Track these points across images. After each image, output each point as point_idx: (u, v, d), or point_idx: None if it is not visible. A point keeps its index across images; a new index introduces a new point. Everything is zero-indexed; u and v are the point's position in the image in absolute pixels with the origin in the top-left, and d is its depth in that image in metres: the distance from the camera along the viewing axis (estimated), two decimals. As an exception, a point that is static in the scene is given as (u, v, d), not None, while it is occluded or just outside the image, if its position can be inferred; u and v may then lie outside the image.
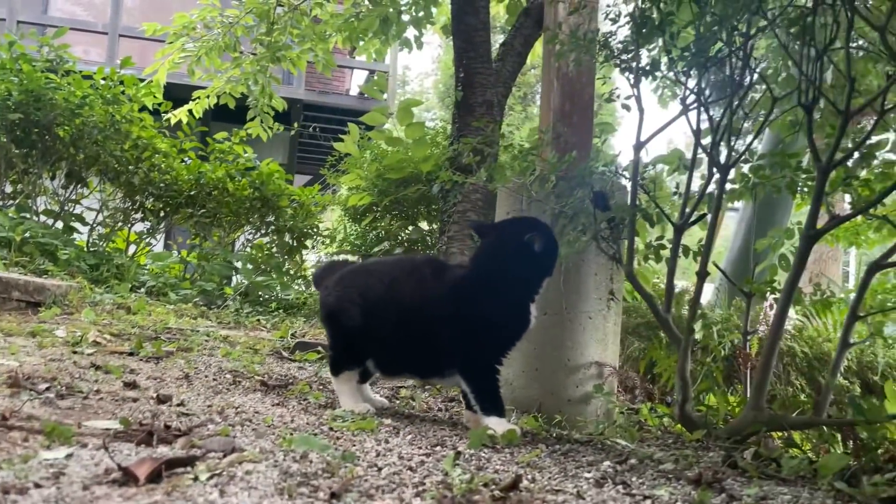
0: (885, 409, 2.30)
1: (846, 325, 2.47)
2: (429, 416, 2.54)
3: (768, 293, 2.75)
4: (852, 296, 2.82)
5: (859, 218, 5.65)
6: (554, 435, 2.31)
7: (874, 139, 2.64)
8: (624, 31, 2.74)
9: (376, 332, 2.41)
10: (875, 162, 2.76)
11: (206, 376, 2.73)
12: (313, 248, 7.41)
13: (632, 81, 2.61)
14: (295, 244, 7.14)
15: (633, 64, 2.60)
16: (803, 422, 2.40)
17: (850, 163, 2.74)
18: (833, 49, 2.35)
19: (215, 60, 8.03)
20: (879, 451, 2.27)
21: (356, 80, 13.98)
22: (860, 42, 2.63)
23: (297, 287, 6.57)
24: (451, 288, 2.36)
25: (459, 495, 1.25)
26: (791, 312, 5.43)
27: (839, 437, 2.72)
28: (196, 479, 1.21)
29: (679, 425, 2.53)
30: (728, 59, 2.33)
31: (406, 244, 6.94)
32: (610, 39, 2.70)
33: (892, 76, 2.31)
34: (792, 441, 2.51)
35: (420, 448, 1.76)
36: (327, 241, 7.40)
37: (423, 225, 7.26)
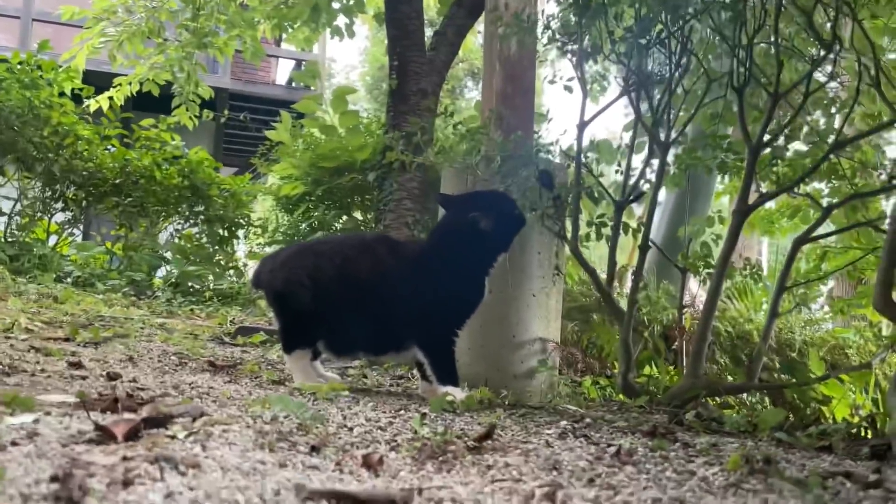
0: (812, 374, 2.47)
1: (774, 297, 2.63)
2: (382, 390, 2.57)
3: (702, 269, 2.89)
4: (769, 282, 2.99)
5: (773, 206, 5.97)
6: (507, 402, 2.37)
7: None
8: (567, 15, 2.83)
9: (327, 313, 2.39)
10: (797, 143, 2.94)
11: (150, 358, 2.67)
12: (245, 238, 7.27)
13: (575, 63, 2.69)
14: (226, 234, 6.99)
15: (576, 46, 2.68)
16: (738, 387, 2.54)
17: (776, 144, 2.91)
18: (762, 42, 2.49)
19: (138, 46, 7.75)
20: (808, 412, 2.44)
21: (282, 70, 13.75)
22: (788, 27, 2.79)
23: (229, 277, 6.44)
24: (409, 263, 2.40)
25: (436, 445, 1.28)
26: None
27: (769, 402, 2.89)
28: (174, 437, 1.20)
29: (621, 395, 2.63)
30: (668, 40, 2.44)
31: (340, 234, 6.90)
32: (552, 22, 2.78)
33: (817, 59, 2.47)
34: (727, 406, 2.65)
35: (384, 413, 1.79)
36: (259, 231, 7.27)
37: (358, 215, 7.23)
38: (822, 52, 2.37)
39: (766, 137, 2.58)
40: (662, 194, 6.06)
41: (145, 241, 6.38)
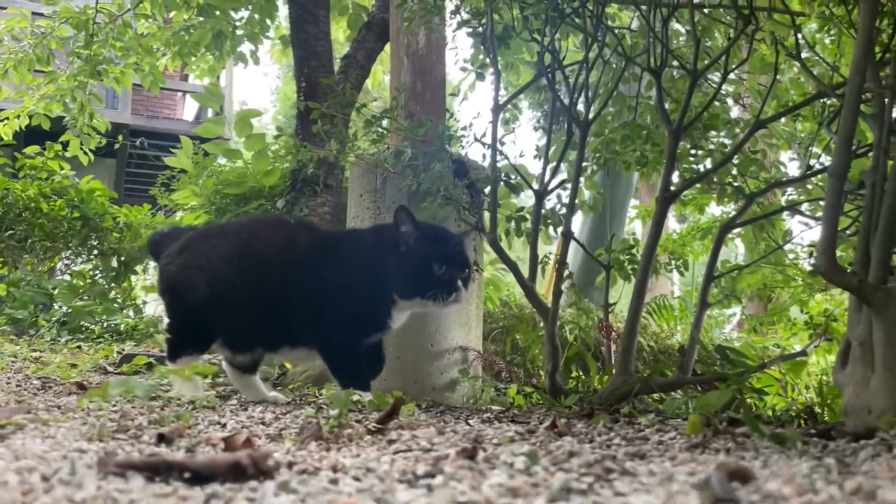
0: (746, 364, 2.32)
1: (703, 287, 2.49)
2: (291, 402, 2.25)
3: (626, 264, 2.74)
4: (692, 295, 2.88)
5: (684, 231, 5.96)
6: (424, 406, 2.11)
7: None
8: (473, 2, 2.66)
9: (228, 304, 2.13)
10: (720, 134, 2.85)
11: (8, 384, 2.27)
12: (144, 272, 6.76)
13: (486, 46, 2.53)
14: (122, 269, 6.48)
15: (486, 30, 2.52)
16: (671, 382, 2.36)
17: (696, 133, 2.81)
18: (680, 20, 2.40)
19: (25, 76, 7.24)
20: (744, 401, 2.28)
21: (190, 105, 13.26)
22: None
23: (126, 315, 5.93)
24: (319, 251, 2.21)
25: (329, 429, 1.01)
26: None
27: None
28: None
29: (548, 398, 2.41)
30: (581, 14, 2.30)
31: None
32: (461, 6, 2.62)
33: (735, 35, 2.38)
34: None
35: (275, 414, 1.50)
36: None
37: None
38: (742, 25, 2.28)
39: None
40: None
41: (29, 278, 5.80)
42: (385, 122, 2.76)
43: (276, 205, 6.18)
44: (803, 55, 3.02)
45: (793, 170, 4.98)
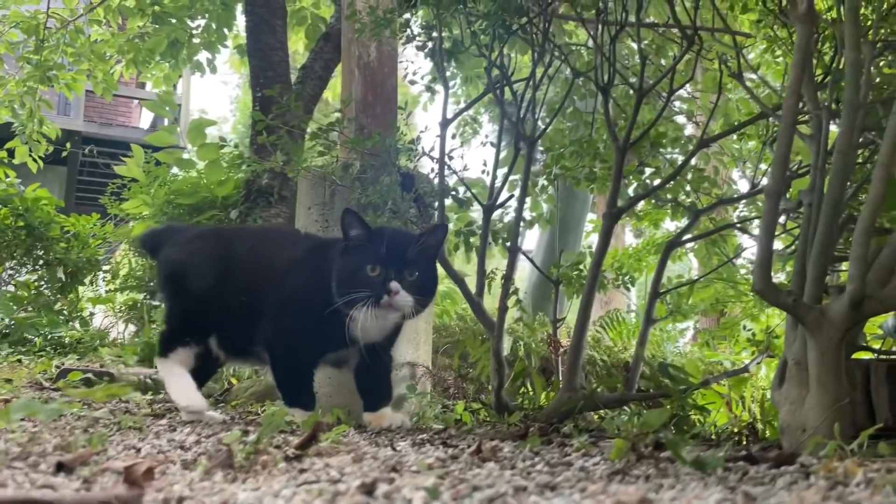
0: (690, 381, 2.32)
1: (649, 302, 2.50)
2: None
3: (574, 280, 2.74)
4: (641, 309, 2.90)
5: (640, 246, 6.02)
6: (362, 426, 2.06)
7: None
8: (424, 15, 2.65)
9: (225, 301, 2.15)
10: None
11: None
12: (92, 284, 6.58)
13: (435, 61, 2.51)
14: (69, 279, 6.30)
15: (435, 43, 2.50)
16: (617, 399, 2.36)
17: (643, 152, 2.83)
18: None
19: (-28, 81, 7.05)
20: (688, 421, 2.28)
21: (146, 114, 13.02)
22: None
23: (72, 327, 5.76)
24: (289, 259, 2.20)
25: (243, 456, 0.97)
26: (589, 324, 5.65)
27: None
28: None
29: (495, 414, 2.39)
30: (529, 29, 2.30)
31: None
32: (411, 20, 2.60)
33: (680, 53, 2.41)
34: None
35: (199, 436, 1.44)
36: (108, 276, 6.61)
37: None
38: (685, 45, 2.30)
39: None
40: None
41: (-32, 289, 5.60)
42: (333, 135, 2.72)
43: (230, 215, 6.09)
44: (754, 75, 3.08)
45: (743, 187, 5.07)
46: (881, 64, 2.15)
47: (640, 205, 3.86)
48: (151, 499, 0.73)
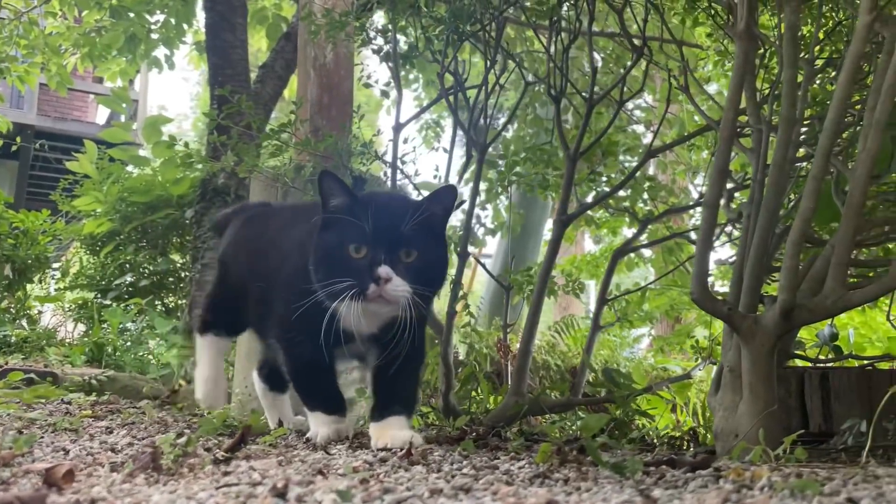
0: (634, 386, 2.37)
1: (596, 310, 2.54)
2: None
3: (525, 285, 2.76)
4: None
5: (597, 252, 6.10)
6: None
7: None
8: (381, 18, 2.66)
9: (250, 290, 1.91)
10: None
11: None
12: (41, 282, 6.43)
13: (390, 64, 2.52)
14: (17, 277, 6.14)
15: (390, 47, 2.51)
16: (562, 403, 2.39)
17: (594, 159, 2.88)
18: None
19: (-81, 73, 6.85)
20: (631, 423, 2.32)
21: (103, 109, 12.75)
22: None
23: (19, 326, 5.61)
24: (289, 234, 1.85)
25: (171, 459, 0.97)
26: (544, 329, 5.71)
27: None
28: None
29: (443, 417, 2.40)
30: (482, 35, 2.32)
31: (154, 277, 6.26)
32: (367, 23, 2.60)
33: (630, 64, 2.45)
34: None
35: (134, 438, 1.42)
36: (58, 274, 6.46)
37: (177, 257, 6.63)
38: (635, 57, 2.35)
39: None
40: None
41: None
42: (286, 136, 2.71)
43: (185, 214, 6.00)
44: (713, 87, 3.14)
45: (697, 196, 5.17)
46: (819, 81, 2.22)
47: (599, 212, 3.93)
48: (66, 500, 0.72)
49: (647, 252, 4.57)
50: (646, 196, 3.30)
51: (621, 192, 3.59)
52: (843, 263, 1.56)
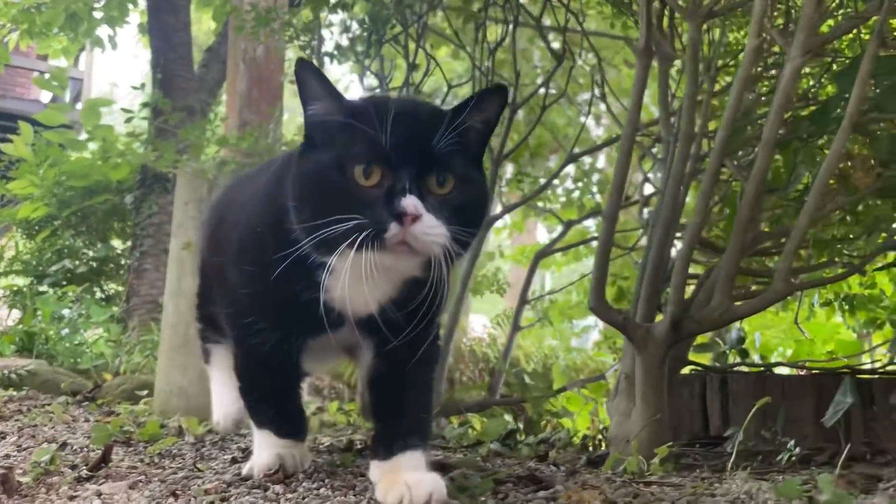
0: (548, 386, 2.42)
1: (516, 310, 2.58)
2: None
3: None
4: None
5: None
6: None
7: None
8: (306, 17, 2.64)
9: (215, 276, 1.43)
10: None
11: None
12: (-31, 268, 6.24)
13: (315, 62, 2.51)
14: (-57, 263, 5.96)
15: (315, 44, 2.50)
16: (478, 404, 2.43)
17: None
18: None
19: None
20: (543, 423, 2.38)
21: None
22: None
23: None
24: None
25: (33, 477, 0.97)
26: (486, 322, 5.78)
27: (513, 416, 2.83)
28: None
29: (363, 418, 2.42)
30: (404, 37, 2.33)
31: (93, 264, 6.14)
32: (293, 20, 2.59)
33: (552, 69, 2.49)
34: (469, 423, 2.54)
35: (20, 448, 1.41)
36: (-9, 259, 6.28)
37: (117, 242, 6.50)
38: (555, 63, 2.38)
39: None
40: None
41: None
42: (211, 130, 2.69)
43: (125, 200, 5.89)
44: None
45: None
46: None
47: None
48: None
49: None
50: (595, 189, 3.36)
51: (570, 186, 3.66)
52: (730, 277, 1.61)
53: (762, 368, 2.22)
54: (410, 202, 1.01)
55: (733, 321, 1.73)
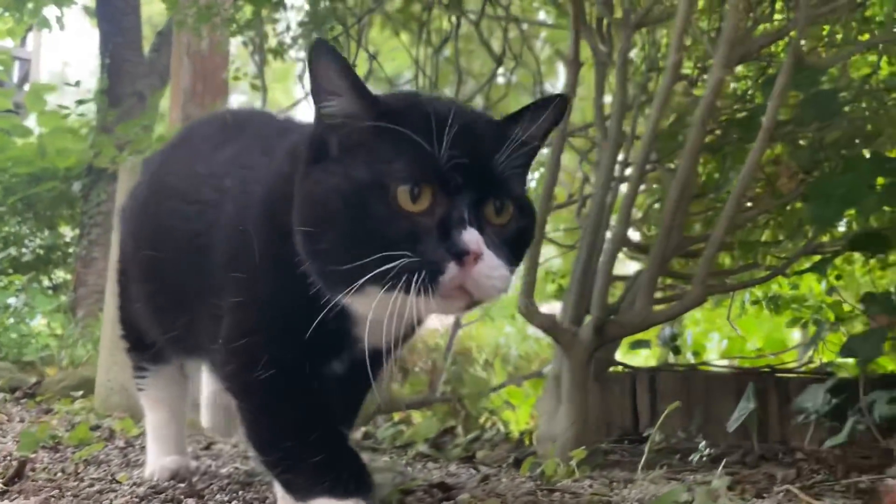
0: (486, 383, 2.47)
1: (459, 307, 2.62)
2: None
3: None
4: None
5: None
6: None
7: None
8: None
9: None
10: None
11: None
12: None
13: (255, 60, 2.50)
14: None
15: (258, 41, 2.49)
16: (418, 401, 2.47)
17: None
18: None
19: None
20: (483, 420, 2.43)
21: None
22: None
23: None
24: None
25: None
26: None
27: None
28: None
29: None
30: (345, 37, 2.33)
31: (39, 252, 6.02)
32: (235, 15, 2.57)
33: (492, 71, 2.51)
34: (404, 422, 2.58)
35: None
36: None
37: (66, 230, 6.38)
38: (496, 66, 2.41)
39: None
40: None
41: None
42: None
43: (72, 188, 5.78)
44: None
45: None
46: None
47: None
48: None
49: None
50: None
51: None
52: (652, 282, 1.67)
53: (685, 367, 2.29)
54: (473, 238, 0.82)
55: (654, 325, 1.79)
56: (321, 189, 0.87)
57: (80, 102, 4.70)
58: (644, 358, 3.16)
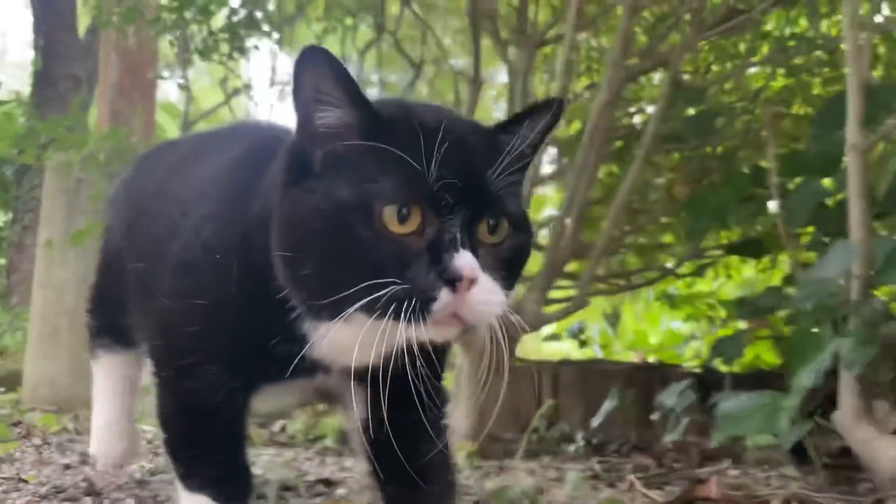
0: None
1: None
2: None
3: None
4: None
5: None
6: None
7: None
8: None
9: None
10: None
11: None
12: None
13: (179, 60, 2.55)
14: None
15: (183, 42, 2.54)
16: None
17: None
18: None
19: None
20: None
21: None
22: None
23: None
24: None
25: None
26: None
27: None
28: None
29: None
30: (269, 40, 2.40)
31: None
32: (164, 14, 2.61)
33: (413, 78, 2.62)
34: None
35: None
36: None
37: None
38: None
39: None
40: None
41: None
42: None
43: (5, 172, 5.68)
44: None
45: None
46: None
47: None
48: None
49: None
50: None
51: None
52: (542, 286, 1.82)
53: (585, 361, 2.46)
54: (466, 262, 0.77)
55: (545, 325, 1.94)
56: (297, 210, 0.81)
57: (2, 104, 4.64)
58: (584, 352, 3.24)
